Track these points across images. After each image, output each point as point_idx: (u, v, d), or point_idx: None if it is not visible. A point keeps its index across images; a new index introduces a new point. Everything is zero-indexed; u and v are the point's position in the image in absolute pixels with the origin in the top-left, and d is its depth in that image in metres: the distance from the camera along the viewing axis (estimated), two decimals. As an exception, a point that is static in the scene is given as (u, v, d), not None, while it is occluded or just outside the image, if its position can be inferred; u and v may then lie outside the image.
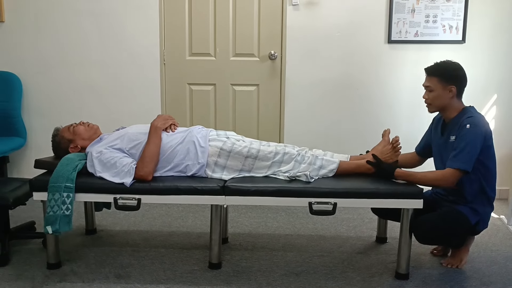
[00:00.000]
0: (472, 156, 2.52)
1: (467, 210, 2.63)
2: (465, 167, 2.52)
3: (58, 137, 2.87)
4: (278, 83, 4.05)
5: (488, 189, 2.66)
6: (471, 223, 2.63)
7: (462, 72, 2.66)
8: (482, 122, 2.60)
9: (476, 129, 2.54)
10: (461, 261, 2.76)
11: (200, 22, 4.01)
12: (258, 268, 2.74)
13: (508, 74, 3.94)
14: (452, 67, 2.66)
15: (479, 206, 2.64)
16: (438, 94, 2.63)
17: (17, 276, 2.60)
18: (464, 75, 2.66)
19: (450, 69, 2.64)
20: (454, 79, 2.63)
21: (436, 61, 2.68)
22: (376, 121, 3.96)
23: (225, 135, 2.83)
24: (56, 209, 2.51)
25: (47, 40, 4.03)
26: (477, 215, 2.64)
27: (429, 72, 2.67)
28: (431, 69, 2.66)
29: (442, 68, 2.64)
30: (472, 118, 2.58)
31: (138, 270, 2.69)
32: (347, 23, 3.92)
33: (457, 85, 2.62)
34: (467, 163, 2.52)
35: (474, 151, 2.53)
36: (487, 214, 2.70)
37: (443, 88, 2.62)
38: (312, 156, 2.74)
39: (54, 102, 4.10)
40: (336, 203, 2.52)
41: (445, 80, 2.61)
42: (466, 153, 2.52)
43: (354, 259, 2.87)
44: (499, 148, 4.01)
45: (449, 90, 2.61)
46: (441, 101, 2.64)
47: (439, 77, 2.62)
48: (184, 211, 3.67)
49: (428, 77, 2.67)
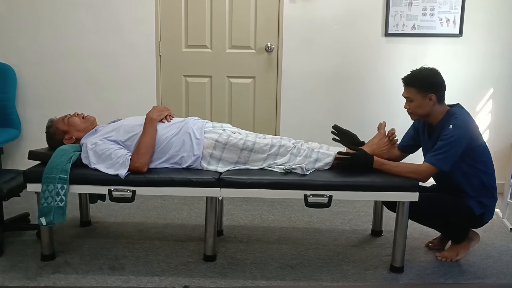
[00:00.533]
0: (450, 156, 2.52)
1: (472, 203, 2.64)
2: (440, 166, 2.53)
3: (53, 128, 2.85)
4: (274, 75, 4.03)
5: (490, 182, 2.67)
6: (474, 214, 2.64)
7: (439, 78, 2.64)
8: (466, 123, 2.59)
9: (459, 130, 2.54)
10: (456, 255, 2.76)
11: (196, 14, 3.98)
12: (253, 261, 2.74)
13: (505, 68, 3.94)
14: (429, 74, 2.63)
15: (484, 199, 2.66)
16: (419, 104, 2.62)
17: (11, 267, 2.59)
18: (442, 81, 2.64)
19: (427, 77, 2.62)
20: (432, 87, 2.61)
21: (412, 70, 2.66)
22: (372, 114, 3.95)
23: (221, 127, 2.82)
24: (50, 201, 2.50)
25: (42, 31, 3.99)
26: (483, 207, 2.66)
27: (406, 83, 2.65)
28: (408, 79, 2.64)
29: (419, 77, 2.62)
30: (456, 119, 2.57)
31: (133, 262, 2.68)
32: (344, 15, 3.90)
33: (436, 92, 2.61)
34: (442, 161, 2.52)
35: (453, 151, 2.53)
36: (493, 206, 2.72)
37: (423, 98, 2.60)
38: (308, 149, 2.73)
39: (49, 93, 4.07)
40: (332, 196, 2.52)
41: (423, 90, 2.60)
42: (444, 152, 2.53)
43: (349, 252, 2.87)
44: (494, 142, 4.05)
45: (429, 99, 2.60)
46: (423, 109, 2.63)
47: (417, 87, 2.61)
48: (179, 203, 3.66)
49: (406, 87, 2.65)
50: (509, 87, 3.97)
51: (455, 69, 3.92)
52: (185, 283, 2.45)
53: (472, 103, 3.99)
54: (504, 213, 3.42)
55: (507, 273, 2.65)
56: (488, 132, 4.05)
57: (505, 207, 3.42)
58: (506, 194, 3.43)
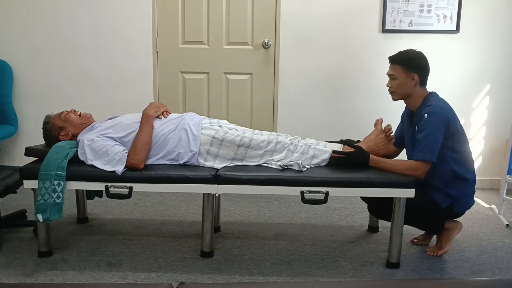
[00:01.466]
0: (433, 146, 2.54)
1: (438, 195, 2.64)
2: (429, 158, 2.54)
3: (49, 125, 2.85)
4: (272, 71, 4.03)
5: (462, 172, 2.65)
6: (441, 208, 2.64)
7: (425, 61, 2.70)
8: (440, 109, 2.60)
9: (435, 118, 2.56)
10: (441, 249, 2.78)
11: (193, 10, 3.97)
12: (250, 257, 2.74)
13: (501, 65, 3.94)
14: (415, 55, 2.69)
15: (453, 190, 2.65)
16: (401, 82, 2.67)
17: (7, 264, 2.59)
18: (427, 64, 2.70)
19: (413, 58, 2.68)
20: (417, 67, 2.66)
21: (400, 50, 2.72)
22: (369, 110, 3.96)
23: (218, 123, 2.82)
24: (46, 197, 2.50)
25: (38, 27, 3.98)
26: (450, 198, 2.65)
27: (392, 61, 2.71)
28: (395, 57, 2.70)
29: (406, 56, 2.68)
30: (430, 107, 2.60)
31: (130, 258, 2.69)
32: (341, 11, 3.90)
33: (420, 73, 2.66)
34: (429, 153, 2.54)
35: (435, 140, 2.55)
36: (464, 197, 2.70)
37: (406, 76, 2.65)
38: (304, 145, 2.73)
39: (45, 90, 4.06)
40: (328, 192, 2.52)
41: (408, 68, 2.65)
42: (427, 144, 2.54)
43: (346, 248, 2.88)
44: (491, 138, 4.06)
45: (412, 78, 2.65)
46: (404, 89, 2.68)
47: (402, 65, 2.66)
48: (176, 200, 3.66)
49: (392, 65, 2.71)
50: (506, 83, 3.97)
51: (452, 65, 3.93)
52: (182, 279, 2.46)
53: (468, 99, 4.00)
54: (500, 209, 3.43)
55: (502, 268, 2.66)
56: (484, 128, 4.06)
57: (501, 203, 3.43)
58: (502, 190, 3.44)
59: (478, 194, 3.89)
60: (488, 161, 4.09)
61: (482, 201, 3.78)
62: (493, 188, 4.07)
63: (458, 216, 2.79)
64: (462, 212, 2.77)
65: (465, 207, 2.75)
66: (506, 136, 3.84)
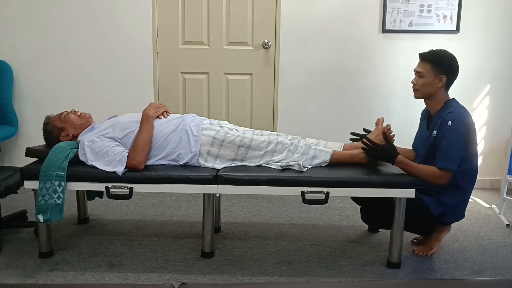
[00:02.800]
0: (458, 155, 2.54)
1: (432, 201, 2.64)
2: (453, 167, 2.54)
3: (50, 126, 2.84)
4: (272, 72, 4.03)
5: (463, 182, 2.64)
6: (432, 214, 2.63)
7: (456, 63, 2.65)
8: (464, 117, 2.59)
9: (459, 126, 2.55)
10: (431, 250, 2.78)
11: (193, 10, 3.97)
12: (251, 257, 2.74)
13: (502, 65, 3.94)
14: (448, 57, 2.64)
15: (446, 199, 2.64)
16: (428, 81, 2.63)
17: (8, 265, 2.59)
18: (457, 67, 2.65)
19: (445, 59, 2.64)
20: (447, 69, 2.62)
21: (433, 49, 2.68)
22: (369, 110, 3.96)
23: (218, 124, 2.82)
24: (47, 198, 2.50)
25: (38, 28, 3.98)
26: (443, 206, 2.65)
27: (423, 58, 2.66)
28: (426, 55, 2.65)
29: (437, 56, 2.63)
30: (453, 113, 2.57)
31: (131, 259, 2.69)
32: (341, 12, 3.90)
33: (448, 75, 2.62)
34: (453, 162, 2.53)
35: (459, 149, 2.54)
36: (457, 207, 2.70)
37: (434, 76, 2.62)
38: (305, 145, 2.73)
39: (46, 90, 4.06)
40: (329, 192, 2.52)
41: (438, 68, 2.61)
42: (451, 153, 2.53)
43: (347, 248, 2.88)
44: (491, 138, 4.06)
45: (440, 79, 2.61)
46: (429, 89, 2.64)
47: (433, 64, 2.62)
48: (177, 200, 3.67)
49: (421, 62, 2.66)
50: (506, 83, 3.97)
51: (452, 65, 3.93)
52: (183, 280, 2.46)
53: (469, 99, 3.99)
54: (501, 209, 3.43)
55: (503, 268, 2.66)
56: (485, 128, 4.06)
57: (501, 203, 3.43)
58: (503, 190, 3.44)
59: (478, 194, 3.91)
60: (489, 161, 4.09)
61: (482, 201, 3.78)
62: (494, 188, 4.07)
63: (446, 225, 2.79)
64: (452, 222, 2.77)
65: (456, 217, 2.74)
66: (506, 136, 3.84)
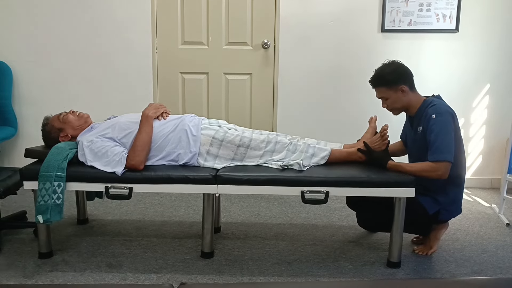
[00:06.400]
0: (448, 145, 2.51)
1: (426, 200, 2.63)
2: (446, 158, 2.50)
3: (48, 126, 2.84)
4: (271, 72, 4.03)
5: (455, 177, 2.62)
6: (427, 213, 2.63)
7: (402, 68, 2.66)
8: (446, 108, 2.59)
9: (443, 117, 2.54)
10: (430, 249, 2.78)
11: (192, 10, 3.97)
12: (251, 257, 2.74)
13: (501, 64, 3.94)
14: (391, 69, 2.65)
15: (440, 196, 2.64)
16: (394, 99, 2.66)
17: (8, 266, 2.59)
18: (406, 69, 2.66)
19: (390, 73, 2.64)
20: (399, 79, 2.63)
21: (375, 69, 2.69)
22: (368, 110, 3.94)
23: (217, 123, 2.82)
24: (47, 199, 2.50)
25: (38, 29, 3.98)
26: (438, 204, 2.65)
27: (374, 84, 2.69)
28: (374, 80, 2.68)
29: (383, 76, 2.65)
30: (435, 106, 2.58)
31: (130, 259, 2.69)
32: (341, 11, 3.90)
33: (404, 82, 2.63)
34: (445, 153, 2.50)
35: (448, 138, 2.52)
36: (451, 204, 2.69)
37: (395, 92, 2.64)
38: (304, 144, 2.73)
39: (45, 91, 4.06)
40: (328, 192, 2.52)
41: (391, 85, 2.63)
42: (440, 144, 2.50)
43: (346, 248, 2.88)
44: (491, 137, 4.06)
45: (401, 90, 2.63)
46: (400, 102, 2.67)
47: (385, 85, 2.64)
48: (176, 201, 3.66)
49: (376, 88, 2.69)
50: (506, 82, 3.97)
51: (451, 64, 3.93)
52: (183, 280, 2.46)
53: (468, 98, 4.00)
54: (501, 208, 3.43)
55: (503, 267, 2.66)
56: (484, 127, 4.06)
57: (501, 202, 3.43)
58: (502, 189, 3.44)
59: (478, 193, 3.91)
60: (488, 160, 4.09)
61: (482, 200, 3.78)
62: (493, 187, 4.07)
63: (442, 223, 2.79)
64: (448, 219, 2.76)
65: (452, 214, 2.73)
66: (506, 135, 3.84)
